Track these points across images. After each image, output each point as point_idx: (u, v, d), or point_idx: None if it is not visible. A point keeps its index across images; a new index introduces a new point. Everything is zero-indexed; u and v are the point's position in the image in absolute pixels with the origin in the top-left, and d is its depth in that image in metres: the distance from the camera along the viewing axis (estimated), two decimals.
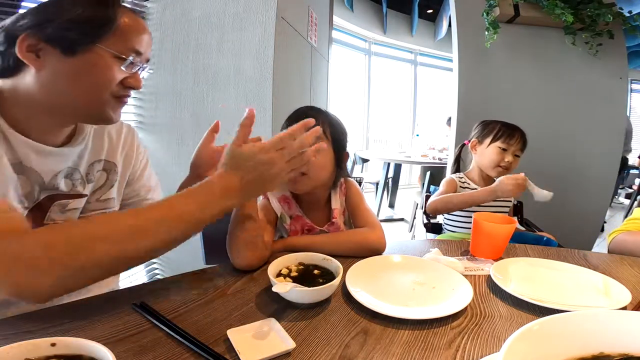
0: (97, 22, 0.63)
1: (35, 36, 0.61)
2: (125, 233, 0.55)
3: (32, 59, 0.62)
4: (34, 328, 0.52)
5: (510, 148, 1.33)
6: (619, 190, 5.19)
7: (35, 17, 0.62)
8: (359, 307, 0.61)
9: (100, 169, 0.78)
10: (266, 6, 1.62)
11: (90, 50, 0.63)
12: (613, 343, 0.30)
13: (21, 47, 0.60)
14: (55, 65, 0.63)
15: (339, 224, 0.96)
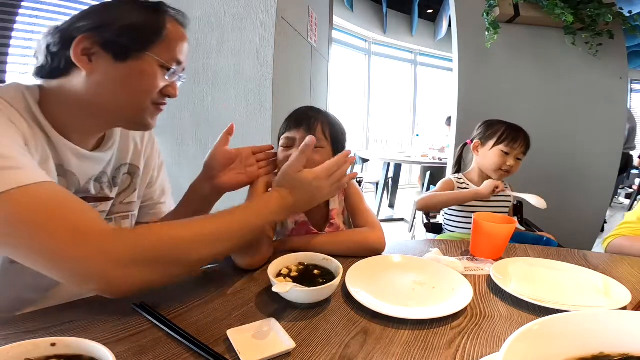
0: (149, 30, 0.65)
1: (91, 40, 0.61)
2: (205, 238, 0.60)
3: (85, 62, 0.62)
4: (34, 328, 0.52)
5: (512, 152, 1.32)
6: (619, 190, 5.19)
7: (93, 20, 0.62)
8: (359, 307, 0.61)
9: (126, 172, 0.80)
10: (266, 6, 1.62)
11: (140, 57, 0.65)
12: (613, 343, 0.30)
13: (76, 50, 0.61)
14: (105, 70, 0.63)
15: (338, 224, 0.96)
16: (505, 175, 1.36)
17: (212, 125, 1.69)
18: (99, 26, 0.62)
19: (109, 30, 0.62)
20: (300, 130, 0.87)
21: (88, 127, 0.69)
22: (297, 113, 0.92)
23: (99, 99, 0.65)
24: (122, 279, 0.52)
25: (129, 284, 0.54)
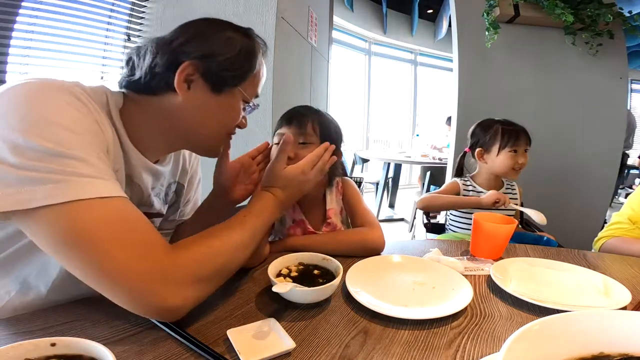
0: (246, 67, 0.67)
1: (195, 67, 0.61)
2: (238, 247, 0.61)
3: (184, 89, 0.62)
4: (34, 328, 0.52)
5: (520, 149, 1.33)
6: (619, 190, 5.19)
7: (201, 48, 0.62)
8: (359, 307, 0.61)
9: (174, 190, 0.81)
10: (266, 6, 1.62)
11: (232, 92, 0.67)
12: (613, 343, 0.30)
13: (180, 75, 0.61)
14: (200, 99, 0.64)
15: (335, 223, 0.97)
16: (518, 172, 1.36)
17: None
18: (205, 55, 0.62)
19: (214, 61, 0.63)
20: (291, 128, 0.89)
21: (160, 145, 0.70)
22: (290, 111, 0.94)
23: (184, 124, 0.66)
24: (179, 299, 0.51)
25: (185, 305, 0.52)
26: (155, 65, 0.61)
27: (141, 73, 0.62)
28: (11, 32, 1.30)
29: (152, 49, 0.62)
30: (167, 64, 0.61)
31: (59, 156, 0.46)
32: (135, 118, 0.64)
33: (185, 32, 0.65)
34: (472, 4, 2.13)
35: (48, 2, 1.41)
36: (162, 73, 0.61)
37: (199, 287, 0.54)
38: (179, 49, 0.62)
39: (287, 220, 0.95)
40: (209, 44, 0.63)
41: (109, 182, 0.50)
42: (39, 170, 0.45)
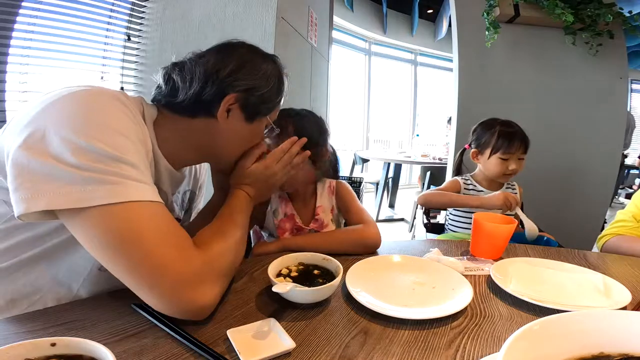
0: (276, 100, 0.74)
1: (237, 98, 0.66)
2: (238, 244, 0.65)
3: (224, 117, 0.66)
4: (34, 328, 0.52)
5: (512, 156, 1.30)
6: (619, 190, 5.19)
7: (245, 82, 0.67)
8: (359, 307, 0.61)
9: (187, 198, 0.85)
10: (266, 6, 1.62)
11: (261, 120, 0.73)
12: (613, 343, 0.30)
13: (225, 104, 0.65)
14: (234, 126, 0.69)
15: (323, 219, 1.00)
16: (510, 177, 1.35)
17: None
18: (248, 89, 0.67)
19: (254, 95, 0.68)
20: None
21: (185, 160, 0.74)
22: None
23: (214, 146, 0.71)
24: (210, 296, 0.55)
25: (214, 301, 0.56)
26: (204, 93, 0.65)
27: (184, 97, 0.65)
28: (11, 32, 1.30)
29: (200, 76, 0.65)
30: (215, 94, 0.65)
31: (116, 160, 0.49)
32: (166, 132, 0.67)
33: (229, 60, 0.68)
34: (472, 4, 2.13)
35: (48, 2, 1.41)
36: (208, 101, 0.65)
37: (222, 282, 0.59)
38: (227, 80, 0.66)
39: (280, 213, 0.99)
40: (252, 78, 0.68)
41: (153, 188, 0.54)
42: (98, 172, 0.48)
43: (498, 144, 1.31)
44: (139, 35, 1.73)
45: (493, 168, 1.33)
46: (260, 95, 0.69)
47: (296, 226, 0.98)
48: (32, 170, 0.47)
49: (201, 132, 0.68)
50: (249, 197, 0.74)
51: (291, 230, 0.98)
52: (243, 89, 0.66)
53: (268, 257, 0.80)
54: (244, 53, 0.71)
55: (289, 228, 0.98)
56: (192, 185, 0.87)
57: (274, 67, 0.72)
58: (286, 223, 0.98)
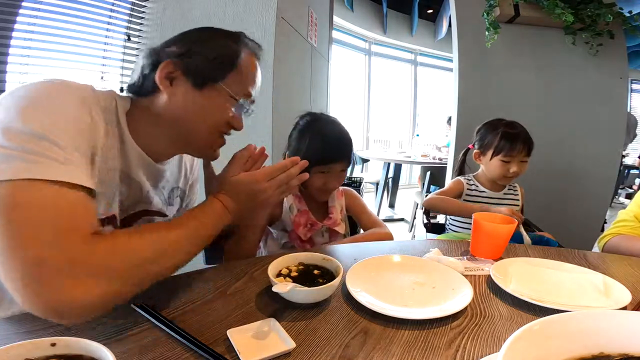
0: (224, 61, 0.68)
1: (174, 65, 0.65)
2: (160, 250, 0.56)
3: (167, 86, 0.66)
4: (34, 328, 0.52)
5: (513, 159, 1.29)
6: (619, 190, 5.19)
7: (180, 47, 0.67)
8: (359, 307, 0.61)
9: (177, 196, 0.84)
10: (266, 6, 1.62)
11: (214, 87, 0.68)
12: (613, 343, 0.30)
13: (161, 73, 0.65)
14: (183, 96, 0.67)
15: (336, 218, 1.09)
16: (512, 179, 1.35)
17: None
18: (184, 53, 0.66)
19: (191, 57, 0.66)
20: None
21: (163, 148, 0.73)
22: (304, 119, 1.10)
23: (175, 123, 0.69)
24: (82, 291, 0.46)
25: (88, 300, 0.47)
26: (143, 67, 0.67)
27: (135, 77, 0.68)
28: (11, 32, 1.30)
29: (143, 54, 0.68)
30: (151, 65, 0.66)
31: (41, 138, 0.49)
32: (139, 121, 0.68)
33: (171, 38, 0.70)
34: (472, 4, 2.13)
35: (48, 2, 1.41)
36: (150, 74, 0.66)
37: (108, 282, 0.49)
38: (161, 51, 0.67)
39: (295, 209, 1.05)
40: (185, 44, 0.68)
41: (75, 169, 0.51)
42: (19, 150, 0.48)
43: (500, 146, 1.30)
44: (139, 35, 1.73)
45: (494, 170, 1.33)
46: (203, 58, 0.66)
47: (310, 221, 1.04)
48: None
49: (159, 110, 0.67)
50: (224, 207, 0.68)
51: (305, 225, 1.04)
52: (177, 54, 0.66)
53: (268, 257, 0.80)
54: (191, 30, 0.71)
55: (303, 222, 1.04)
56: (182, 183, 0.86)
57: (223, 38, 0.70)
58: (301, 218, 1.04)
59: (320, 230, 1.06)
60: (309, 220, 1.04)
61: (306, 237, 1.04)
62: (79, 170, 0.52)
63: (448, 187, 1.42)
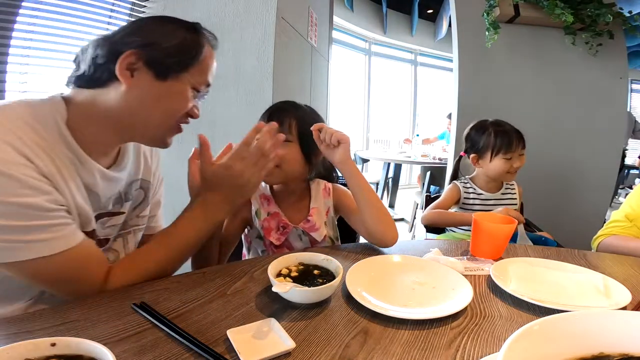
0: (189, 53, 0.68)
1: (136, 56, 0.63)
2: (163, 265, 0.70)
3: (127, 77, 0.64)
4: (34, 328, 0.52)
5: (514, 155, 1.31)
6: (619, 190, 5.20)
7: (141, 37, 0.65)
8: (359, 307, 0.61)
9: (138, 188, 0.82)
10: (266, 6, 1.62)
11: (178, 78, 0.67)
12: (613, 343, 0.30)
13: (122, 64, 0.63)
14: (144, 87, 0.65)
15: (315, 221, 0.94)
16: (515, 175, 1.36)
17: (212, 125, 1.69)
18: (146, 44, 0.64)
19: (155, 48, 0.65)
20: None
21: (109, 141, 0.71)
22: (271, 107, 0.93)
23: (131, 114, 0.67)
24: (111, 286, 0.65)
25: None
26: (97, 56, 0.63)
27: (85, 67, 0.64)
28: (11, 32, 1.30)
29: (94, 44, 0.65)
30: (108, 55, 0.63)
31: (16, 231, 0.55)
32: (81, 120, 0.65)
33: (126, 27, 0.67)
34: (472, 4, 2.13)
35: (48, 2, 1.41)
36: (104, 64, 0.63)
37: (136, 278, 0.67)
38: (120, 40, 0.64)
39: (262, 213, 0.95)
40: (149, 34, 0.66)
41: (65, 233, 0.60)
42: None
43: (498, 145, 1.31)
44: None
45: (497, 169, 1.33)
46: (166, 49, 0.65)
47: (282, 223, 0.94)
48: None
49: (113, 101, 0.65)
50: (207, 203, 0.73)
51: (277, 229, 0.94)
52: (140, 45, 0.64)
53: (268, 257, 0.80)
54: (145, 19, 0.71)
55: (274, 226, 0.94)
56: (142, 174, 0.82)
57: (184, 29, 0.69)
58: (270, 222, 0.94)
59: (296, 233, 0.95)
60: (280, 223, 0.93)
61: (279, 241, 0.93)
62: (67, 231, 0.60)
63: (444, 197, 1.42)
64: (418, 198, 3.15)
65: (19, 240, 0.55)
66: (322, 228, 0.95)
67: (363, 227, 0.88)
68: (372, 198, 0.86)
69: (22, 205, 0.54)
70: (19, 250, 0.55)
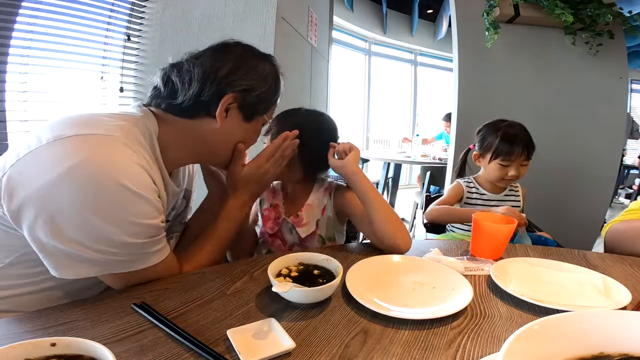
0: (273, 100, 0.77)
1: (235, 98, 0.68)
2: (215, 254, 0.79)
3: (222, 117, 0.69)
4: (34, 328, 0.52)
5: (512, 163, 1.28)
6: (619, 190, 5.20)
7: (243, 82, 0.69)
8: (359, 307, 0.61)
9: (182, 197, 0.87)
10: (266, 6, 1.62)
11: (258, 120, 0.76)
12: (613, 343, 0.30)
13: (223, 104, 0.68)
14: (232, 126, 0.72)
15: (303, 217, 0.96)
16: (510, 182, 1.35)
17: None
18: (246, 89, 0.70)
19: (251, 94, 0.70)
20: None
21: (184, 163, 0.80)
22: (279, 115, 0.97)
23: (215, 147, 0.74)
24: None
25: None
26: (203, 94, 0.66)
27: (184, 98, 0.67)
28: (11, 32, 1.30)
29: (199, 77, 0.67)
30: (213, 95, 0.67)
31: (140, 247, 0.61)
32: (168, 140, 0.69)
33: (226, 60, 0.70)
34: (472, 4, 2.13)
35: (48, 2, 1.41)
36: (207, 101, 0.68)
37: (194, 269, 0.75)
38: (224, 80, 0.68)
39: (266, 202, 1.02)
40: (249, 78, 0.70)
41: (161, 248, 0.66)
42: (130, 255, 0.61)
43: (498, 149, 1.28)
44: (139, 35, 1.73)
45: (492, 172, 1.33)
46: (258, 95, 0.71)
47: (277, 215, 0.99)
48: (54, 249, 0.55)
49: (200, 133, 0.70)
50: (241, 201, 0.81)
51: (274, 220, 0.99)
52: (241, 89, 0.68)
53: (268, 257, 0.80)
54: (241, 53, 0.73)
55: (272, 217, 0.99)
56: (186, 183, 0.89)
57: (270, 67, 0.74)
58: (270, 212, 1.00)
59: (287, 226, 0.97)
60: (277, 215, 0.99)
61: (273, 230, 0.98)
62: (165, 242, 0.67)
63: (448, 194, 1.41)
64: (418, 198, 3.15)
65: (139, 254, 0.61)
66: (311, 225, 0.96)
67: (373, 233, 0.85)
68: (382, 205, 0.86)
69: (150, 225, 0.61)
70: (135, 262, 0.61)
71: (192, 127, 0.70)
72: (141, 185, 0.58)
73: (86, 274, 0.58)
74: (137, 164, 0.59)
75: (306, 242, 0.97)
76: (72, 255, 0.55)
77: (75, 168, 0.53)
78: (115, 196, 0.56)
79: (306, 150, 0.90)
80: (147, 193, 0.59)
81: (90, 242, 0.55)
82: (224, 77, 0.68)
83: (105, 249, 0.57)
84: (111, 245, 0.57)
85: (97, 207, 0.54)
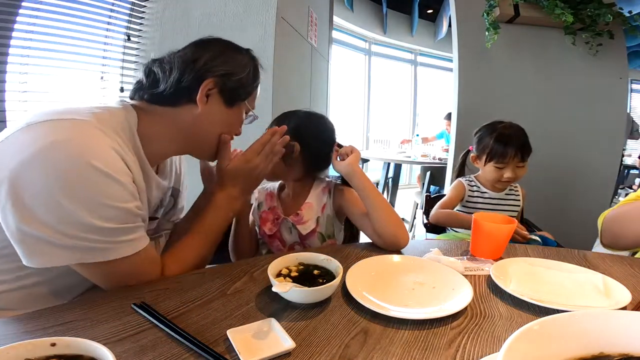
0: (253, 84, 0.78)
1: (215, 83, 0.70)
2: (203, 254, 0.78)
3: (203, 102, 0.70)
4: (34, 328, 0.52)
5: (507, 165, 1.28)
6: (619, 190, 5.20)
7: (223, 67, 0.71)
8: (359, 307, 0.61)
9: (170, 195, 0.88)
10: (266, 6, 1.62)
11: (240, 105, 0.77)
12: (613, 343, 0.30)
13: (203, 89, 0.69)
14: (215, 112, 0.73)
15: (303, 216, 0.96)
16: (508, 184, 1.35)
17: None
18: (225, 73, 0.71)
19: (231, 78, 0.72)
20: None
21: (168, 154, 0.79)
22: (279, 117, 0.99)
23: (198, 134, 0.74)
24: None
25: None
26: (183, 80, 0.68)
27: (165, 86, 0.69)
28: (11, 32, 1.30)
29: (179, 65, 0.69)
30: (193, 80, 0.69)
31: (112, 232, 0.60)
32: (150, 130, 0.70)
33: (206, 50, 0.72)
34: (472, 4, 2.13)
35: (48, 2, 1.41)
36: (187, 87, 0.69)
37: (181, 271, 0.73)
38: (204, 66, 0.70)
39: (264, 206, 1.03)
40: (229, 64, 0.72)
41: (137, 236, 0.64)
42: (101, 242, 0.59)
43: (493, 151, 1.29)
44: (139, 35, 1.73)
45: (488, 174, 1.33)
46: (238, 80, 0.73)
47: (276, 216, 1.00)
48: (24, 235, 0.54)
49: (183, 120, 0.71)
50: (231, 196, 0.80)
51: (273, 221, 0.99)
52: (220, 74, 0.70)
53: (268, 257, 0.80)
54: (219, 45, 0.75)
55: (270, 219, 1.00)
56: (174, 182, 0.88)
57: (248, 57, 0.77)
58: (269, 214, 1.00)
59: (287, 225, 0.98)
60: (276, 215, 0.99)
61: (272, 231, 0.98)
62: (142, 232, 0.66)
63: (450, 195, 1.41)
64: (418, 198, 3.15)
65: (112, 242, 0.60)
66: (311, 222, 0.97)
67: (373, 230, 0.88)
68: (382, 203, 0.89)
69: (122, 209, 0.60)
70: (109, 251, 0.60)
71: (175, 115, 0.71)
72: (113, 168, 0.58)
73: (58, 262, 0.57)
74: (110, 146, 0.59)
75: (306, 240, 0.98)
76: (43, 240, 0.55)
77: (46, 149, 0.54)
78: (86, 177, 0.55)
79: (307, 149, 0.92)
80: (119, 176, 0.59)
81: (61, 225, 0.54)
82: (204, 64, 0.70)
83: (75, 234, 0.56)
84: (82, 230, 0.56)
85: (68, 188, 0.54)
